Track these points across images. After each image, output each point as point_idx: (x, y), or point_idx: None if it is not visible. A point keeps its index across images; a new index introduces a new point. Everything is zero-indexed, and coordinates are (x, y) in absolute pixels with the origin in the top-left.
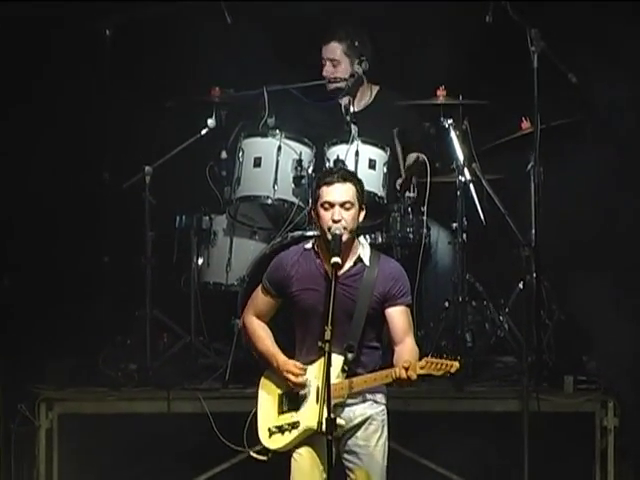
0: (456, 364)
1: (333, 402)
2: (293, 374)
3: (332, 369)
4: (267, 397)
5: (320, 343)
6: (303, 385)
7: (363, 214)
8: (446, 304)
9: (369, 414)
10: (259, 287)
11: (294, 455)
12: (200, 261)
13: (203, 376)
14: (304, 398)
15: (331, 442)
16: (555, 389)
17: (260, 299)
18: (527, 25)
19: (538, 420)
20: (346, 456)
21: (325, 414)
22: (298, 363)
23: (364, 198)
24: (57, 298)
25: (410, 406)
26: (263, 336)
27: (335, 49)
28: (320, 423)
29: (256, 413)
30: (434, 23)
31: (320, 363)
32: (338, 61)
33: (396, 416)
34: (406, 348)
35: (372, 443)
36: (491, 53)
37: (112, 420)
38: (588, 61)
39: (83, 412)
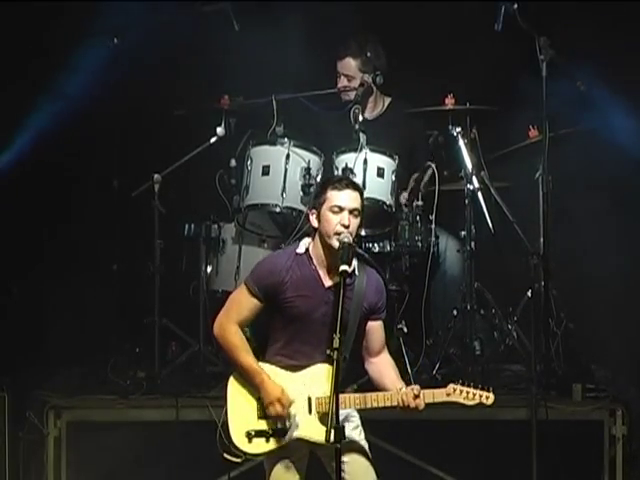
0: (492, 397)
1: (341, 413)
2: (278, 408)
3: (325, 380)
4: (242, 398)
5: (328, 351)
6: (282, 420)
7: (361, 229)
8: (454, 312)
9: (347, 412)
10: (241, 292)
11: (267, 464)
12: (209, 269)
13: (211, 384)
14: (292, 406)
15: (339, 451)
16: (563, 397)
17: (245, 305)
18: (536, 33)
19: (546, 428)
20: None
21: (333, 423)
22: (287, 395)
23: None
24: (65, 306)
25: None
26: (245, 349)
27: (350, 65)
28: (328, 432)
29: (226, 413)
30: (444, 31)
31: (310, 371)
32: (353, 76)
33: (404, 424)
34: (387, 361)
35: (356, 438)
36: (500, 62)
37: (120, 428)
38: (597, 69)
39: (91, 420)
